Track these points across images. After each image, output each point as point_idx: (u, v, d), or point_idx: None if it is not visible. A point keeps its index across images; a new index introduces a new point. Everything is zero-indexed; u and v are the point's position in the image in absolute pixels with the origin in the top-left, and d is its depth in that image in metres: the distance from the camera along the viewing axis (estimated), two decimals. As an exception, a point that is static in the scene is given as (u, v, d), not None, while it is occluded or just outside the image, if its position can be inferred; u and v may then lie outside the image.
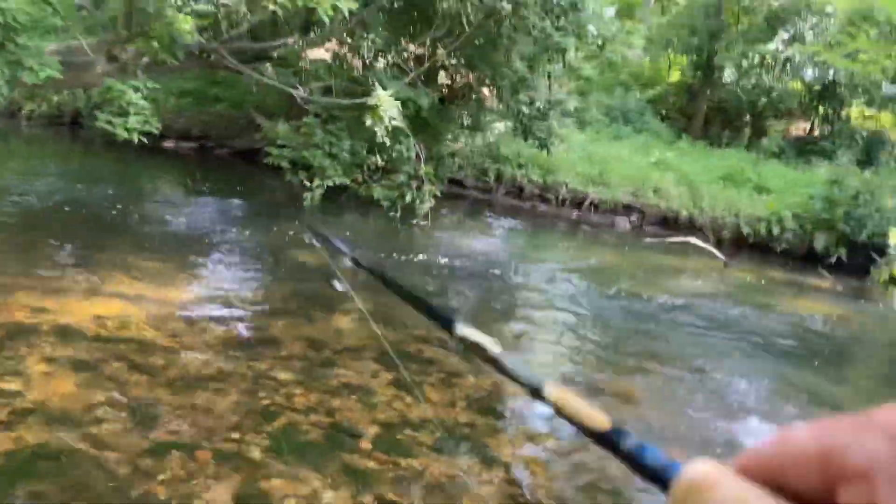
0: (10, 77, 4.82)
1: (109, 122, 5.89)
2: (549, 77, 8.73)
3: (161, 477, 2.26)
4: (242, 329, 3.78)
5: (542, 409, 3.31)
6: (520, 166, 11.53)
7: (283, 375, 3.20)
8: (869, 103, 16.27)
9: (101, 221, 6.04)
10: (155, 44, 6.30)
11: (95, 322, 3.46)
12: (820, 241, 9.86)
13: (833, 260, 9.76)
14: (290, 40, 7.43)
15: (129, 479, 2.24)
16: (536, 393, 0.41)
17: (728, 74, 16.70)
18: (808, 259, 9.80)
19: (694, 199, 11.03)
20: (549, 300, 5.71)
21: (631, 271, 7.55)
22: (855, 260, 9.62)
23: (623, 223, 11.10)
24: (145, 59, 6.61)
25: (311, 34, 7.83)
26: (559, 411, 0.40)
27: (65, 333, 3.26)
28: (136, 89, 6.04)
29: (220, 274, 4.94)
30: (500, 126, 11.23)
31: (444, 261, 6.53)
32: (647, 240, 9.80)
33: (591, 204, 11.29)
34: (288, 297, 4.58)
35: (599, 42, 8.12)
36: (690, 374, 4.29)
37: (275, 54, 8.46)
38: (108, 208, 6.71)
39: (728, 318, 6.01)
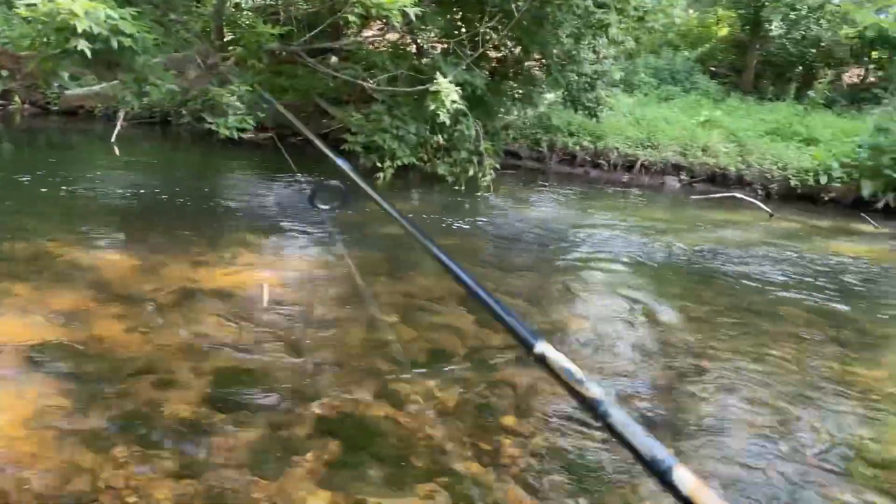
0: (138, 91, 5.82)
1: (213, 123, 6.86)
2: (594, 52, 9.31)
3: (322, 383, 3.17)
4: (350, 287, 4.68)
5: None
6: (571, 134, 12.15)
7: (390, 317, 4.08)
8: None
9: (213, 207, 7.06)
10: (243, 49, 7.27)
11: (241, 286, 4.42)
12: (867, 188, 10.20)
13: (880, 205, 10.10)
14: (359, 38, 8.22)
15: (295, 385, 3.15)
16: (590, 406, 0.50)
17: (777, 27, 16.72)
18: (855, 206, 10.16)
19: (742, 155, 11.44)
20: (606, 257, 6.44)
21: (680, 227, 8.16)
22: (903, 204, 9.95)
23: (673, 183, 11.63)
24: (231, 62, 7.58)
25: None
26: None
27: (220, 295, 4.22)
28: (233, 93, 6.98)
29: (321, 244, 5.86)
30: (550, 97, 11.86)
31: (506, 227, 7.33)
32: (693, 197, 10.33)
33: (641, 166, 11.84)
34: (377, 261, 5.47)
35: (640, 13, 8.65)
36: (737, 311, 4.99)
37: (341, 48, 9.34)
38: (211, 196, 7.76)
39: (769, 258, 6.63)
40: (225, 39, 7.69)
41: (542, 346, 0.68)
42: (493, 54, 10.43)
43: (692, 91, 15.32)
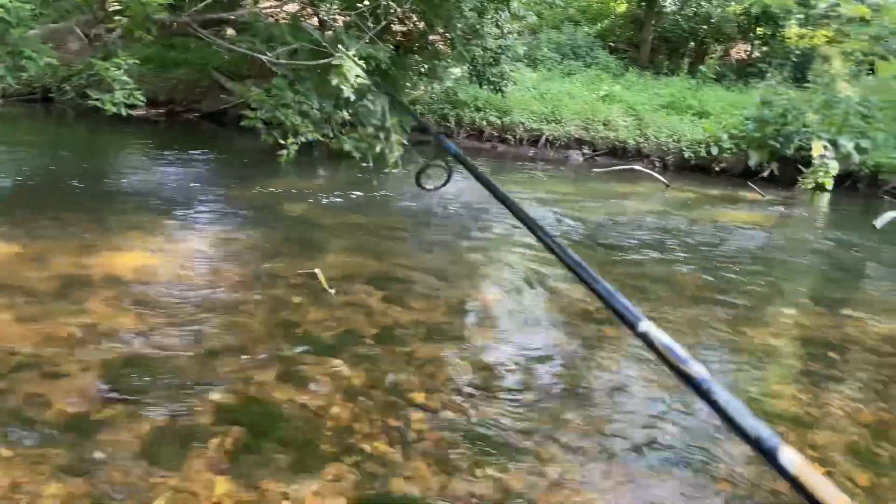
0: (13, 66, 5.37)
1: (98, 100, 6.43)
2: (497, 26, 9.35)
3: (224, 369, 3.06)
4: (253, 267, 4.53)
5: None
6: (478, 109, 12.21)
7: (296, 299, 3.99)
8: (803, 23, 17.12)
9: (98, 189, 6.65)
10: (129, 20, 6.84)
11: (134, 270, 4.19)
12: (753, 158, 10.81)
13: (766, 174, 10.74)
14: (255, 9, 7.90)
15: (194, 372, 3.03)
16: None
17: (670, 3, 17.32)
18: (744, 176, 10.76)
19: (640, 129, 11.85)
20: (514, 231, 6.54)
21: (583, 200, 8.39)
22: (786, 173, 10.62)
23: (576, 156, 11.93)
24: (116, 34, 7.13)
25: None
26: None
27: (111, 281, 3.99)
28: (118, 66, 6.56)
29: (223, 224, 5.65)
30: (457, 71, 11.85)
31: (415, 203, 7.30)
32: (595, 170, 10.65)
33: (546, 141, 12.06)
34: (282, 241, 5.32)
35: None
36: (632, 268, 5.18)
37: (237, 19, 8.95)
38: (100, 176, 7.31)
39: (664, 229, 6.94)
40: (109, 9, 7.20)
41: (645, 325, 0.69)
42: (397, 28, 10.29)
43: (593, 66, 15.68)
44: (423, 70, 10.53)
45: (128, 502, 2.21)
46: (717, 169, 11.19)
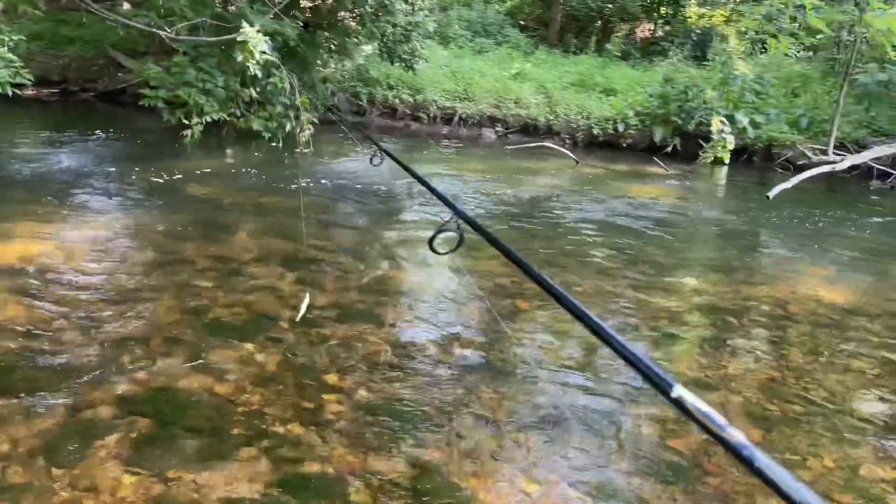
0: None
1: (-22, 77, 5.98)
2: (406, 2, 9.26)
3: (126, 359, 2.93)
4: (158, 252, 4.36)
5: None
6: (390, 87, 12.10)
7: (204, 283, 3.86)
8: (702, 3, 17.84)
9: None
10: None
11: (25, 259, 3.94)
12: (658, 134, 11.23)
13: (669, 150, 11.18)
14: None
15: (95, 364, 2.89)
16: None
17: (577, -18, 17.62)
18: (649, 151, 11.15)
19: (550, 106, 12.06)
20: (426, 210, 6.55)
21: (497, 178, 8.49)
22: (688, 147, 11.08)
23: (489, 134, 12.03)
24: (-1, 8, 6.63)
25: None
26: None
27: (6, 271, 3.74)
28: (2, 43, 6.11)
29: (124, 209, 5.39)
30: (368, 49, 11.68)
31: (327, 183, 7.18)
32: (508, 147, 10.79)
33: (459, 119, 12.11)
34: (188, 224, 5.13)
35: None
36: (544, 243, 5.30)
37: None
38: (-13, 162, 6.82)
39: (574, 204, 7.13)
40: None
41: (679, 390, 0.66)
42: (306, 4, 10.02)
43: (504, 44, 15.81)
44: (333, 47, 10.33)
45: (28, 502, 2.10)
46: (624, 145, 11.55)
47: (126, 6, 11.09)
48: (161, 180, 6.50)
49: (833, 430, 2.92)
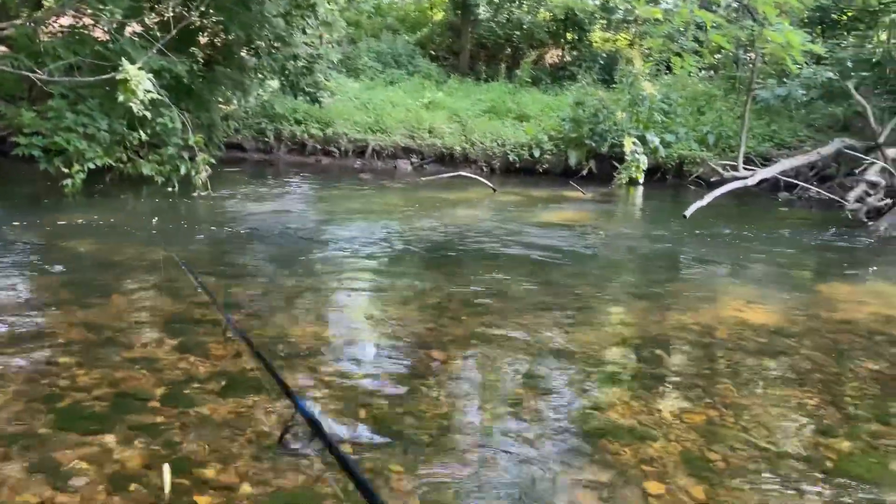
0: None
1: None
2: (304, 32, 8.87)
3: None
4: (15, 325, 3.75)
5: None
6: (298, 122, 11.66)
7: (64, 360, 3.29)
8: (606, 28, 18.25)
9: None
10: None
11: None
12: (572, 158, 11.20)
13: (585, 172, 11.15)
14: (18, 21, 6.87)
15: None
16: None
17: (483, 10, 17.73)
18: (565, 175, 11.10)
19: (465, 134, 11.89)
20: (341, 252, 6.12)
21: (413, 211, 8.14)
22: (603, 169, 11.08)
23: (405, 165, 11.73)
24: None
25: (41, 12, 7.28)
26: None
27: None
28: None
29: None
30: (274, 83, 11.21)
31: (229, 228, 6.64)
32: (424, 178, 10.49)
33: (372, 151, 11.76)
34: (59, 287, 4.52)
35: (349, -6, 8.38)
36: (461, 281, 4.95)
37: (2, 35, 7.75)
38: None
39: (493, 235, 6.84)
40: None
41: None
42: (203, 40, 9.48)
43: (415, 74, 15.65)
44: (232, 83, 9.81)
45: None
46: (540, 170, 11.47)
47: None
48: (34, 238, 5.82)
49: (781, 479, 2.64)
